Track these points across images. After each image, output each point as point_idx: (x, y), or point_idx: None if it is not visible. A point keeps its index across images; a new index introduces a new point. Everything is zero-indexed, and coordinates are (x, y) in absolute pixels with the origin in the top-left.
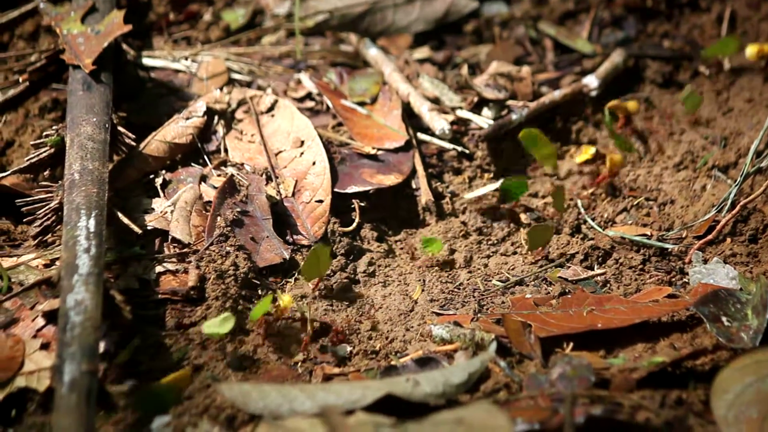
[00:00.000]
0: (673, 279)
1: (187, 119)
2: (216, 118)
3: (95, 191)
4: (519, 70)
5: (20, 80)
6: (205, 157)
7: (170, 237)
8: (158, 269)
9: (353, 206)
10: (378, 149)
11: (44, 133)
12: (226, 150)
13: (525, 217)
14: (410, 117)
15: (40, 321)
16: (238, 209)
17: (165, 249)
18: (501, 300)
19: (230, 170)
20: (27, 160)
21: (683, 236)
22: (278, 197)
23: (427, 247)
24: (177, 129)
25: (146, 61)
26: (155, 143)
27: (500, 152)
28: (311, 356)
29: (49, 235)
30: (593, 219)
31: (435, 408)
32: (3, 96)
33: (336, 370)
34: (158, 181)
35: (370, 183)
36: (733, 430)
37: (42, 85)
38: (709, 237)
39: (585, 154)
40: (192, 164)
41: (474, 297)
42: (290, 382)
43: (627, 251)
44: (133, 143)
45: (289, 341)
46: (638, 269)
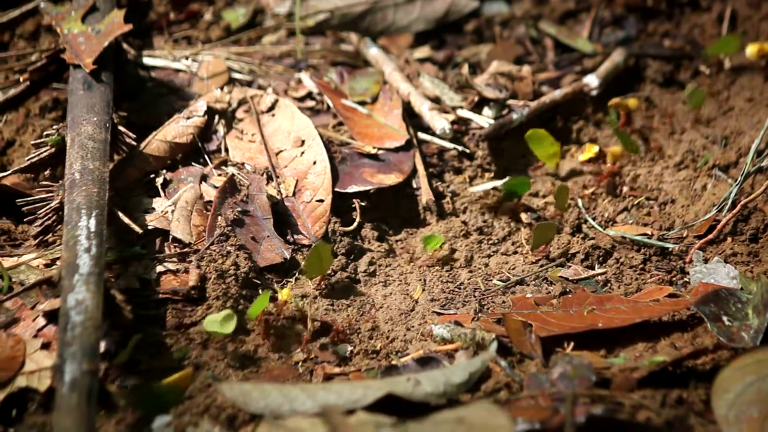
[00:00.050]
0: (674, 278)
1: (188, 119)
2: (216, 118)
3: (96, 191)
4: (519, 70)
5: (21, 80)
6: (206, 157)
7: (171, 236)
8: (159, 269)
9: (354, 206)
10: (378, 149)
11: (45, 133)
12: (227, 149)
13: (525, 217)
14: (411, 116)
15: (41, 321)
16: (239, 209)
17: (166, 248)
18: (502, 299)
19: (231, 170)
20: (28, 160)
21: (684, 236)
22: (279, 197)
23: (428, 245)
24: (177, 128)
25: (147, 61)
26: (156, 143)
27: (501, 152)
28: (312, 356)
29: (50, 235)
30: (594, 218)
31: (436, 407)
32: (4, 95)
33: (337, 370)
34: (159, 181)
35: (371, 182)
36: (734, 430)
37: (42, 85)
38: (710, 236)
39: (589, 152)
40: (192, 164)
41: (475, 296)
42: (291, 382)
43: (628, 251)
44: (134, 143)
45: (290, 341)
46: (639, 269)
